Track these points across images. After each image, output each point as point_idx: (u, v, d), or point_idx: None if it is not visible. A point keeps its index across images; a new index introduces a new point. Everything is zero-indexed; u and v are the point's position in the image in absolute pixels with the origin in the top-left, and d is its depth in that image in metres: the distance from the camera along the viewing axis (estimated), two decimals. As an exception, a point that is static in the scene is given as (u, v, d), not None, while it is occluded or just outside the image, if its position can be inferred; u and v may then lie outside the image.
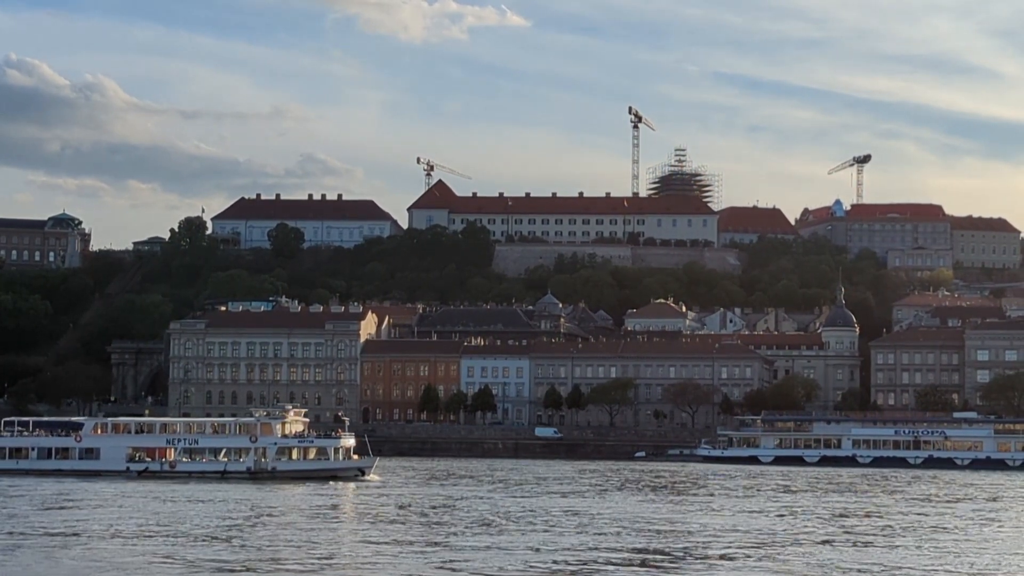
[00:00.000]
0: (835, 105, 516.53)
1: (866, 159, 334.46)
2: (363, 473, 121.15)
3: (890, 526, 77.46)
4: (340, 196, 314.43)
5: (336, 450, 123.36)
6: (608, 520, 79.01)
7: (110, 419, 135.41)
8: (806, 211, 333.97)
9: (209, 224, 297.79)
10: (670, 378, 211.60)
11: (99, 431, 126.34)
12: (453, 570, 55.23)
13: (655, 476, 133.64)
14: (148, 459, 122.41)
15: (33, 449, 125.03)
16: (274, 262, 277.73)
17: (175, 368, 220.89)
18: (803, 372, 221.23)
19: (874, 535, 72.16)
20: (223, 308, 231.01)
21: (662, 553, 62.27)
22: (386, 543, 64.72)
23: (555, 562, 58.04)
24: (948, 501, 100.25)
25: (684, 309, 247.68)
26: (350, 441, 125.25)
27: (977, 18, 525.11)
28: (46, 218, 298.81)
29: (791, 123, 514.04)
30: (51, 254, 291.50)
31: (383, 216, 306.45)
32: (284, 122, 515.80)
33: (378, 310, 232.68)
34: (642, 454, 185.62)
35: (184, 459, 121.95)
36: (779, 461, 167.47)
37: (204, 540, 65.46)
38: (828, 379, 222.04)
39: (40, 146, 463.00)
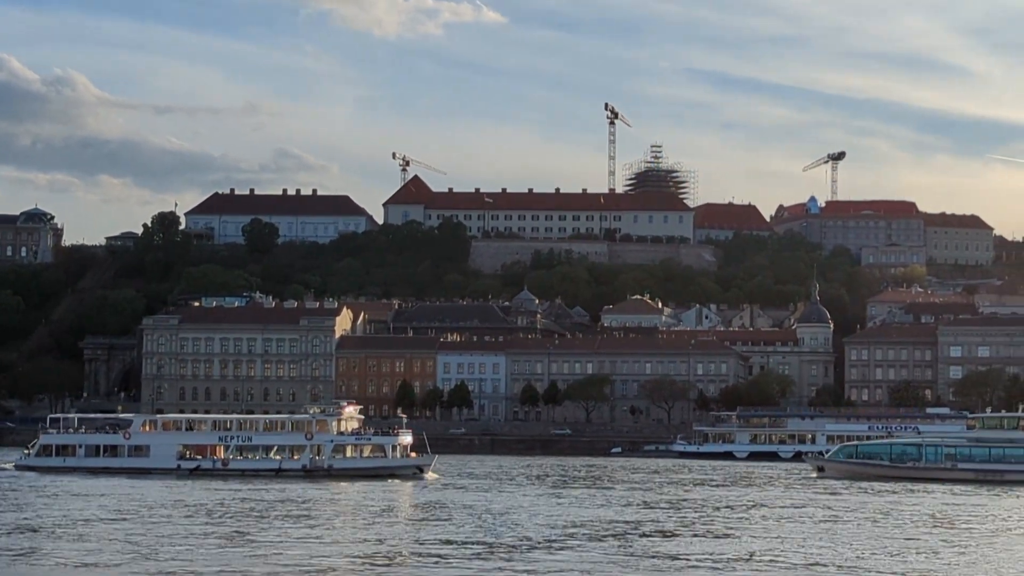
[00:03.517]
0: (809, 102, 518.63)
1: (840, 156, 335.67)
2: (421, 471, 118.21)
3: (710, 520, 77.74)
4: (315, 191, 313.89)
5: (394, 447, 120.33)
6: (462, 510, 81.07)
7: (159, 416, 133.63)
8: (781, 208, 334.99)
9: (182, 219, 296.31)
10: (646, 374, 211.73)
11: (148, 428, 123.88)
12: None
13: (589, 470, 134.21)
14: (199, 457, 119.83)
15: (81, 447, 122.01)
16: (248, 257, 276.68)
17: (148, 364, 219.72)
18: (778, 368, 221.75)
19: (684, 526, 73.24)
20: (196, 304, 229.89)
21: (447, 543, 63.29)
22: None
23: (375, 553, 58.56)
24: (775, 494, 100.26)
25: (660, 305, 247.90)
26: (407, 438, 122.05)
27: (949, 16, 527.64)
28: (18, 213, 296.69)
29: (765, 120, 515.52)
30: (23, 249, 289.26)
31: (358, 211, 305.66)
32: (258, 117, 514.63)
33: (353, 306, 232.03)
34: (618, 450, 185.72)
35: (237, 456, 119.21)
36: (754, 457, 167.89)
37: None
38: (803, 375, 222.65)
39: (11, 141, 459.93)
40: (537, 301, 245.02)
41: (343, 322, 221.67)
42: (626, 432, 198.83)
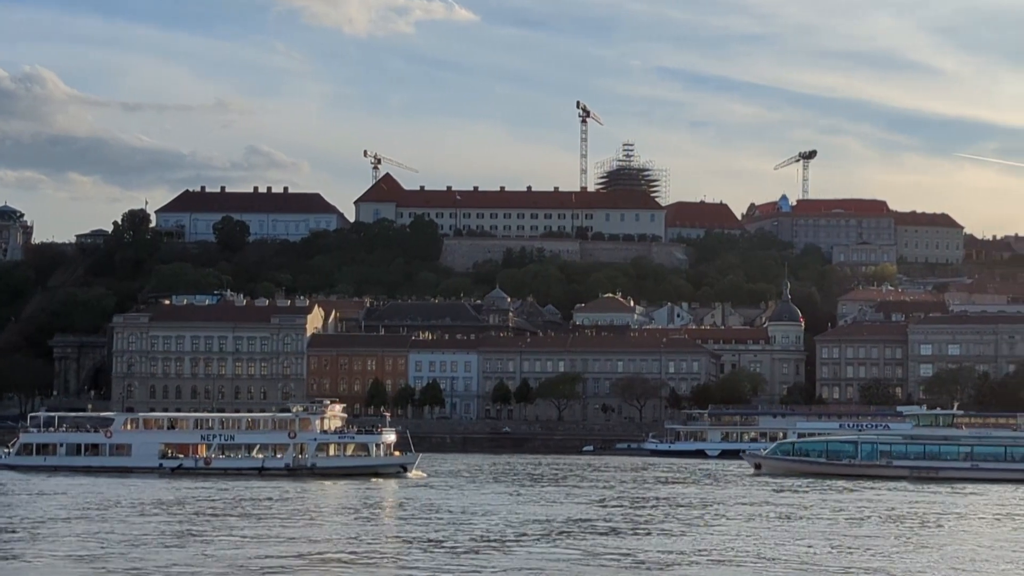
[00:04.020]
0: (779, 101, 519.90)
1: (812, 155, 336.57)
2: (406, 470, 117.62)
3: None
4: (286, 189, 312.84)
5: (377, 446, 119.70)
6: (421, 508, 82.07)
7: (141, 414, 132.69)
8: (752, 206, 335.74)
9: (153, 217, 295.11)
10: (618, 372, 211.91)
11: (130, 426, 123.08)
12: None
13: (554, 468, 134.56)
14: (181, 455, 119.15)
15: (62, 445, 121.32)
16: (219, 255, 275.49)
17: (118, 362, 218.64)
18: (749, 366, 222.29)
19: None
20: (167, 302, 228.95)
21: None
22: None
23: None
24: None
25: (632, 304, 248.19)
26: (391, 437, 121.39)
27: (918, 15, 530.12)
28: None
29: (735, 118, 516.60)
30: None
31: (329, 209, 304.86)
32: (228, 115, 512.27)
33: (324, 304, 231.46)
34: (590, 448, 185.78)
35: (219, 455, 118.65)
36: (725, 455, 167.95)
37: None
38: (774, 373, 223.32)
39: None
40: (509, 299, 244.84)
41: (314, 320, 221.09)
42: (598, 430, 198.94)
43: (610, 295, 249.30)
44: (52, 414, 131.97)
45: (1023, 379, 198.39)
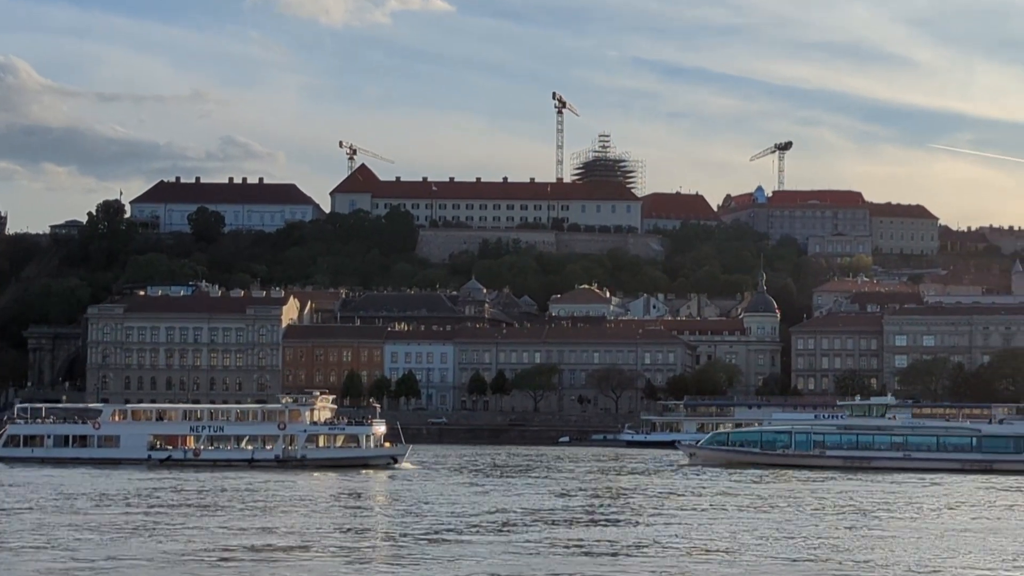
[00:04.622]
0: (754, 92, 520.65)
1: (787, 146, 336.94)
2: (396, 461, 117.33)
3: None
4: (261, 180, 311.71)
5: (367, 437, 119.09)
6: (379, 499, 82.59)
7: (129, 406, 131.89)
8: (728, 197, 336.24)
9: (128, 208, 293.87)
10: (594, 363, 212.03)
11: (118, 418, 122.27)
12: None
13: (525, 458, 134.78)
14: (170, 447, 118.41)
15: (49, 437, 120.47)
16: (194, 246, 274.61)
17: (93, 353, 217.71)
18: (725, 357, 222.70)
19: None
20: (142, 292, 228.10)
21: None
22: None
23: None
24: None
25: (608, 295, 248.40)
26: (381, 428, 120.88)
27: (892, 6, 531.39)
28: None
29: (711, 109, 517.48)
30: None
31: (305, 200, 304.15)
32: (204, 105, 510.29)
33: (300, 295, 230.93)
34: (566, 439, 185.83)
35: (208, 447, 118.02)
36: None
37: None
38: (749, 364, 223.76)
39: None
40: (485, 291, 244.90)
41: (290, 311, 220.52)
42: (574, 421, 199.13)
43: (586, 286, 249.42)
44: (39, 405, 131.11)
45: (997, 370, 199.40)
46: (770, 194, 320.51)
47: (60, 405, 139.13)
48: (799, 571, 51.23)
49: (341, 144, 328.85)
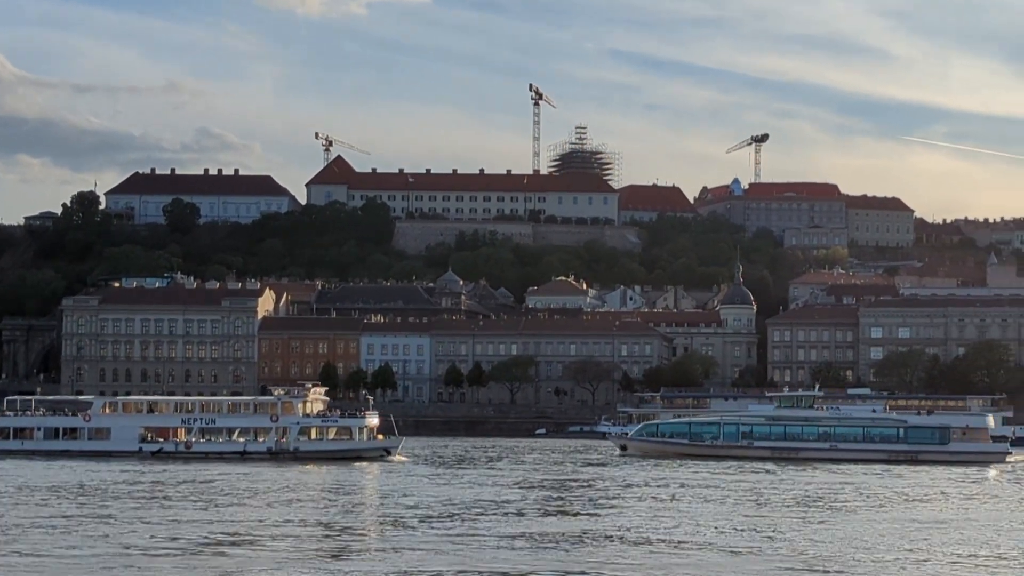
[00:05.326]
0: (731, 84, 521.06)
1: (763, 138, 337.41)
2: (389, 453, 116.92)
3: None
4: (237, 171, 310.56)
5: (360, 429, 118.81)
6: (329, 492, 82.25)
7: (120, 398, 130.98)
8: (705, 190, 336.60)
9: (102, 199, 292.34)
10: (571, 355, 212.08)
11: (109, 410, 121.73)
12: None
13: (490, 450, 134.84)
14: (161, 439, 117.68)
15: (39, 429, 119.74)
16: (169, 238, 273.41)
17: (68, 345, 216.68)
18: (701, 349, 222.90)
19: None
20: (117, 284, 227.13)
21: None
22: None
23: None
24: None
25: (585, 287, 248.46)
26: (374, 420, 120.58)
27: None
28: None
29: (688, 102, 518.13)
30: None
31: (281, 191, 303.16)
32: (179, 96, 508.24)
33: (276, 287, 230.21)
34: (543, 431, 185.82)
35: (200, 439, 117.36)
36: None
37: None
38: (726, 356, 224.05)
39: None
40: (462, 282, 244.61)
41: (265, 303, 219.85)
42: (551, 413, 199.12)
43: (563, 278, 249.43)
44: (28, 398, 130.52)
45: (972, 362, 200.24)
46: (746, 186, 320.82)
47: (50, 397, 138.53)
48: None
49: (317, 135, 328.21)
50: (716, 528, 61.76)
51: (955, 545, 56.37)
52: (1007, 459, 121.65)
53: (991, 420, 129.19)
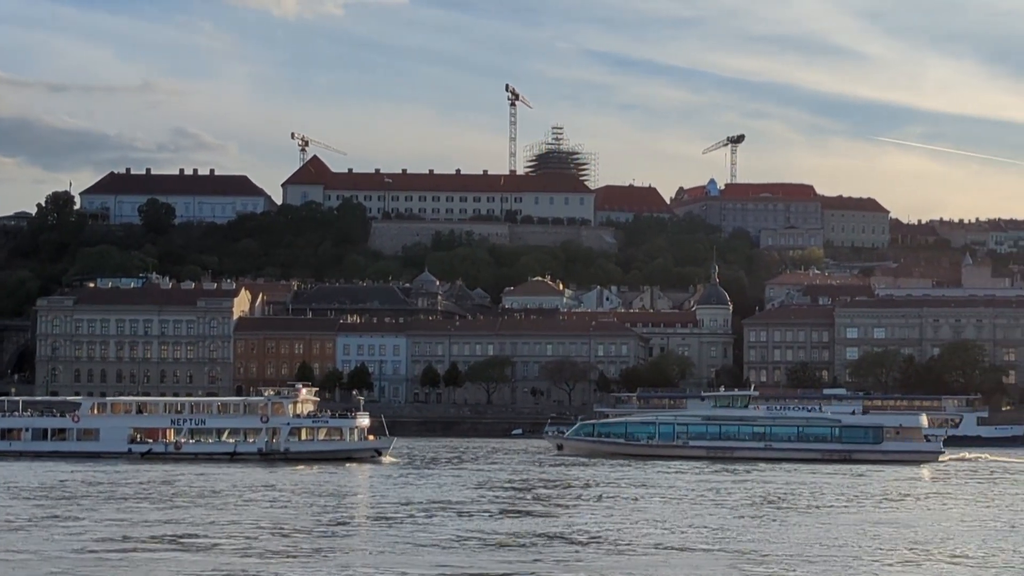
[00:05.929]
0: (705, 84, 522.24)
1: (740, 139, 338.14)
2: (379, 454, 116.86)
3: None
4: (212, 171, 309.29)
5: (351, 430, 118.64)
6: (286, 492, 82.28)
7: (109, 399, 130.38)
8: (681, 190, 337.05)
9: (77, 199, 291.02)
10: (547, 355, 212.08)
11: (97, 411, 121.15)
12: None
13: (460, 452, 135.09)
14: (151, 440, 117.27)
15: (27, 430, 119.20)
16: (144, 238, 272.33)
17: (42, 346, 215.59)
18: (678, 349, 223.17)
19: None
20: (92, 285, 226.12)
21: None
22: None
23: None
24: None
25: (561, 287, 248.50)
26: (365, 421, 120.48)
27: None
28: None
29: (662, 102, 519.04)
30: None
31: (256, 192, 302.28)
32: (154, 95, 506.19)
33: (251, 287, 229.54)
34: (519, 431, 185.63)
35: (190, 440, 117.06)
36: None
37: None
38: (702, 356, 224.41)
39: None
40: (438, 283, 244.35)
41: (241, 304, 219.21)
42: (527, 413, 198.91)
43: (539, 278, 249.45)
44: (16, 398, 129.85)
45: (947, 362, 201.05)
46: (722, 187, 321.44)
47: (39, 398, 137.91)
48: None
49: (293, 135, 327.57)
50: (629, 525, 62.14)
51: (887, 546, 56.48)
52: (940, 459, 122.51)
53: (924, 420, 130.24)
